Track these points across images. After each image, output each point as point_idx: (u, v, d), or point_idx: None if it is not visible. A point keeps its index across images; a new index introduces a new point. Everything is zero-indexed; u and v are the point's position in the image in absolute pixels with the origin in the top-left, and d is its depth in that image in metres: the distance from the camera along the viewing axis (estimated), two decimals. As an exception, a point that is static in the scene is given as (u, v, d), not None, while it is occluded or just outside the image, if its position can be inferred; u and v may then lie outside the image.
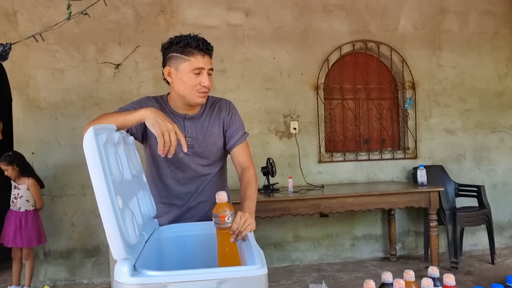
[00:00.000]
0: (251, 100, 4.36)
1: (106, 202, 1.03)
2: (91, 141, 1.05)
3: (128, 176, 1.32)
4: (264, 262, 1.14)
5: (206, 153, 1.80)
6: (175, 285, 1.04)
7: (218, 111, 1.84)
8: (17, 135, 3.96)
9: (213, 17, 4.29)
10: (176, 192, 1.81)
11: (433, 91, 4.74)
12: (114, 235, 1.04)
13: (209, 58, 1.71)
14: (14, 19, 3.94)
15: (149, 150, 1.80)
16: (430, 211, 3.86)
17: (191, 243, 1.63)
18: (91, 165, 1.04)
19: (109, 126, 1.27)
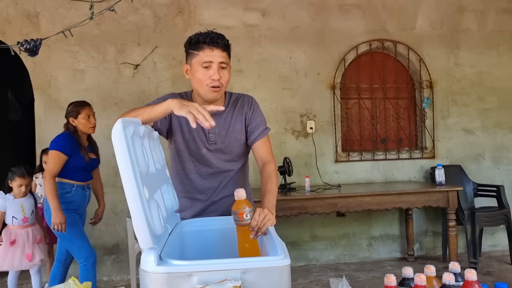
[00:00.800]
0: (267, 100, 4.38)
1: (134, 192, 1.06)
2: (120, 133, 1.08)
3: (153, 169, 1.35)
4: (287, 253, 1.15)
5: (228, 148, 1.83)
6: (200, 274, 1.06)
7: (240, 107, 1.86)
8: (39, 135, 4.04)
9: (230, 18, 4.32)
10: (199, 186, 1.84)
11: (451, 90, 4.70)
12: (141, 224, 1.07)
13: (221, 51, 1.69)
14: (36, 20, 4.04)
15: (173, 145, 1.83)
16: (448, 211, 3.83)
17: (212, 237, 1.65)
18: (120, 155, 1.07)
19: (135, 120, 1.31)
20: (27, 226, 3.45)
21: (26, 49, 2.41)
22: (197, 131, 1.78)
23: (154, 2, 4.22)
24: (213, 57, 1.68)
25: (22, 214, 3.44)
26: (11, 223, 3.38)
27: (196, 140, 1.79)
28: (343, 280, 1.63)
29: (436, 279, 1.71)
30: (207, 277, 1.06)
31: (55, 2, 4.04)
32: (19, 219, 3.41)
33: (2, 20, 4.01)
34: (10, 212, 3.39)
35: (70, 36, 4.05)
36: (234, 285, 1.06)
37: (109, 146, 1.11)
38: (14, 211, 3.39)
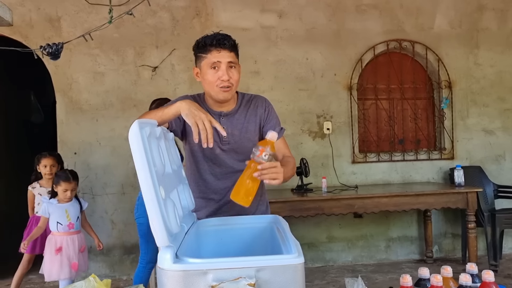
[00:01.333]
0: (284, 101, 4.39)
1: (150, 191, 1.09)
2: (136, 134, 1.11)
3: (169, 169, 1.38)
4: (301, 251, 1.17)
5: (241, 149, 1.84)
6: (215, 272, 1.08)
7: (254, 108, 1.88)
8: (60, 136, 4.14)
9: (247, 19, 4.35)
10: (214, 186, 1.87)
11: (471, 90, 4.64)
12: (158, 223, 1.10)
13: (228, 52, 1.72)
14: (58, 25, 4.13)
15: (188, 146, 1.86)
16: (468, 212, 3.78)
17: (228, 236, 1.67)
18: (136, 155, 1.10)
19: (151, 121, 1.34)
20: (72, 233, 3.25)
21: (49, 53, 2.48)
22: None
23: (172, 5, 4.27)
24: (220, 57, 1.71)
25: (67, 220, 3.24)
26: (55, 229, 3.21)
27: None
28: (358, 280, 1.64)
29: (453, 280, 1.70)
30: (222, 275, 1.08)
31: (76, 6, 4.13)
32: (64, 225, 3.22)
33: (25, 24, 4.12)
34: (54, 217, 3.21)
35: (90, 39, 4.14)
36: (248, 283, 1.08)
37: (128, 148, 1.14)
38: (58, 216, 3.21)
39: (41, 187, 3.57)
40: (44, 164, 3.52)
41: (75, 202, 3.31)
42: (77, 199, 3.35)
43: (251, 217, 1.78)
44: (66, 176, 3.23)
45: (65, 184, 3.20)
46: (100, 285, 1.46)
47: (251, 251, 1.63)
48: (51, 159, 3.56)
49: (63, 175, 3.25)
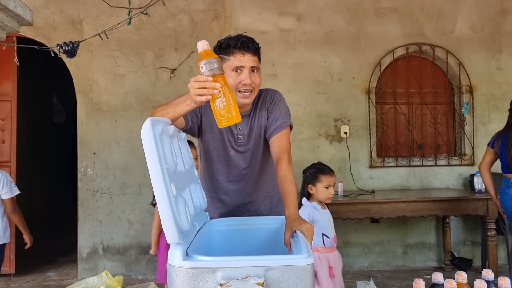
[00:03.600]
0: (301, 104, 4.38)
1: (161, 187, 1.10)
2: (149, 131, 1.13)
3: (181, 167, 1.39)
4: (311, 252, 1.16)
5: (254, 148, 1.82)
6: (224, 270, 1.09)
7: (262, 102, 1.83)
8: (80, 136, 4.21)
9: (265, 23, 4.36)
10: (225, 188, 1.86)
11: (492, 95, 4.55)
12: (168, 220, 1.11)
13: (252, 55, 1.69)
14: (79, 27, 4.22)
15: (203, 145, 1.86)
16: (488, 220, 3.70)
17: (240, 236, 1.67)
18: (148, 153, 1.11)
19: (164, 120, 1.35)
20: (334, 249, 2.63)
21: (65, 50, 2.54)
22: (226, 132, 1.81)
23: (191, 8, 4.32)
24: (244, 61, 1.68)
25: (332, 231, 2.63)
26: (321, 243, 2.57)
27: (224, 141, 1.81)
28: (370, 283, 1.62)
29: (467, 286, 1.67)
30: (231, 273, 1.09)
31: (97, 9, 4.21)
32: (330, 239, 2.59)
33: (49, 27, 4.21)
34: (319, 228, 2.50)
35: (111, 41, 4.22)
36: (257, 282, 1.08)
37: None
38: (323, 226, 2.57)
39: None
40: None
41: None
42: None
43: (264, 218, 1.78)
44: (327, 169, 2.76)
45: (327, 179, 2.67)
46: (112, 281, 1.49)
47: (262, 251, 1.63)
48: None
49: (325, 168, 2.76)
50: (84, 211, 4.18)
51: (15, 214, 3.03)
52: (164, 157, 1.16)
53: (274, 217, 1.78)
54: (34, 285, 4.04)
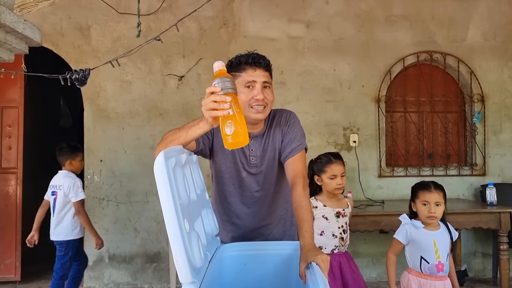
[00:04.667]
0: (310, 112, 4.33)
1: (174, 226, 1.06)
2: (162, 166, 1.09)
3: (194, 196, 1.35)
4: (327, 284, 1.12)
5: (267, 170, 1.78)
6: (239, 312, 1.05)
7: (277, 124, 1.80)
8: (87, 143, 4.18)
9: (274, 30, 4.31)
10: (238, 210, 1.81)
11: (505, 105, 4.48)
12: (181, 259, 1.07)
13: (263, 71, 1.68)
14: (87, 33, 4.19)
15: (214, 166, 1.82)
16: (500, 233, 3.63)
17: (252, 262, 1.63)
18: (161, 190, 1.07)
19: (177, 148, 1.31)
20: (441, 277, 2.28)
21: (75, 78, 2.49)
22: (238, 153, 1.77)
23: (200, 14, 4.27)
24: (255, 76, 1.66)
25: (435, 256, 2.28)
26: (418, 267, 2.32)
27: (237, 163, 1.77)
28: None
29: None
30: (246, 315, 1.05)
31: (105, 15, 4.18)
32: (430, 265, 2.28)
33: (56, 33, 4.19)
34: (417, 249, 2.31)
35: (118, 48, 4.20)
36: (273, 325, 1.03)
37: (152, 156, 1.12)
38: (423, 249, 2.29)
39: None
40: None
41: (445, 229, 2.44)
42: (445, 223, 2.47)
43: (277, 243, 1.73)
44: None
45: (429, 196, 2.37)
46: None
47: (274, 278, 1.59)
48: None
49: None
50: (91, 219, 4.11)
51: (79, 216, 3.48)
52: (178, 192, 1.12)
53: (287, 242, 1.74)
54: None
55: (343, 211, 2.59)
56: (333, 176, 2.52)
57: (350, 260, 2.58)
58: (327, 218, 2.54)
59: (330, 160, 2.58)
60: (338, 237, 2.53)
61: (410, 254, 2.38)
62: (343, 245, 2.57)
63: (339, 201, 2.62)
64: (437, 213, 2.33)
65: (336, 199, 2.61)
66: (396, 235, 2.42)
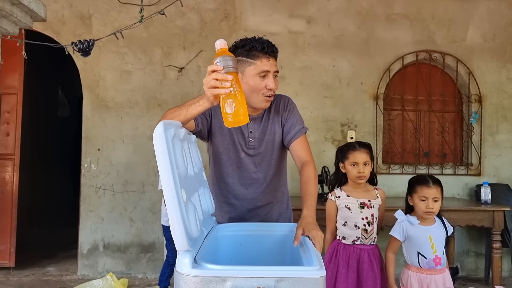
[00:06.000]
0: (308, 108, 4.35)
1: (172, 194, 1.07)
2: (161, 135, 1.10)
3: (191, 172, 1.36)
4: (323, 264, 1.13)
5: (266, 152, 1.82)
6: (233, 280, 1.06)
7: (276, 108, 1.84)
8: (85, 132, 4.19)
9: (275, 24, 4.33)
10: (235, 191, 1.83)
11: (502, 106, 4.51)
12: (178, 227, 1.08)
13: (274, 60, 1.71)
14: (89, 22, 4.20)
15: (212, 148, 1.84)
16: (493, 232, 3.65)
17: (247, 242, 1.64)
18: (160, 157, 1.08)
19: (176, 123, 1.33)
20: (440, 271, 2.28)
21: (80, 49, 2.51)
22: (237, 134, 1.79)
23: (201, 7, 4.29)
24: (270, 66, 1.69)
25: (432, 250, 2.27)
26: (416, 262, 2.30)
27: (235, 144, 1.79)
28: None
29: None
30: (241, 283, 1.06)
31: (107, 4, 4.19)
32: (428, 259, 2.27)
33: (58, 21, 4.19)
34: (413, 245, 2.30)
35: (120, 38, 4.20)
36: (267, 293, 1.05)
37: (150, 146, 1.14)
38: (419, 244, 2.29)
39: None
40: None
41: (440, 224, 2.42)
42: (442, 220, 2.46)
43: (272, 225, 1.75)
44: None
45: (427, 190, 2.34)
46: (117, 284, 1.46)
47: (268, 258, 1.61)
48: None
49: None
50: (86, 207, 4.16)
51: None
52: (176, 162, 1.13)
53: (283, 224, 1.76)
54: (33, 280, 4.02)
55: (369, 202, 2.47)
56: (355, 163, 2.44)
57: (374, 257, 2.45)
58: (349, 208, 2.45)
59: (353, 147, 2.51)
60: (361, 228, 2.43)
61: (407, 250, 2.37)
62: (367, 237, 2.44)
63: (366, 192, 2.51)
64: (435, 209, 2.33)
65: (362, 190, 2.50)
66: (392, 232, 2.39)
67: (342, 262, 2.42)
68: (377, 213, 2.50)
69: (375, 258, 2.46)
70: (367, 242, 2.45)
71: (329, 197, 2.56)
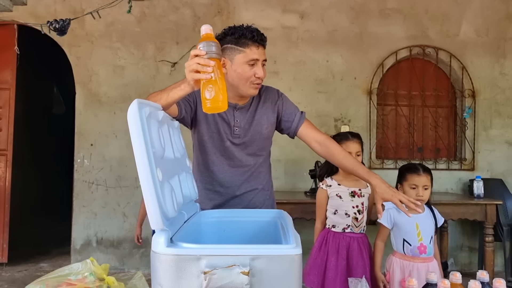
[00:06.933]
0: (302, 103, 4.33)
1: (146, 171, 1.07)
2: (135, 112, 1.10)
3: (170, 155, 1.35)
4: (299, 243, 1.12)
5: (251, 142, 1.82)
6: (208, 258, 1.05)
7: (265, 100, 1.86)
8: (78, 127, 4.18)
9: (268, 19, 4.33)
10: (220, 179, 1.83)
11: (495, 101, 4.50)
12: (152, 205, 1.07)
13: (263, 49, 1.72)
14: (81, 17, 4.18)
15: (197, 135, 1.84)
16: (486, 225, 3.64)
17: (231, 229, 1.64)
18: (134, 134, 1.08)
19: (154, 104, 1.32)
20: (425, 259, 2.24)
21: (55, 28, 2.51)
22: (222, 123, 1.79)
23: (194, 2, 4.29)
24: (259, 55, 1.70)
25: (418, 238, 2.26)
26: (401, 249, 2.28)
27: (220, 132, 1.79)
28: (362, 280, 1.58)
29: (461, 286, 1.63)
30: (216, 261, 1.05)
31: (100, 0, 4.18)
32: (412, 246, 2.25)
33: (50, 16, 4.16)
34: (400, 232, 2.30)
35: (112, 32, 4.20)
36: (242, 271, 1.04)
37: None
38: (405, 231, 2.27)
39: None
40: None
41: (429, 213, 2.39)
42: (431, 208, 2.43)
43: (255, 211, 1.75)
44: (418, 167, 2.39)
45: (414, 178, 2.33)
46: (97, 268, 1.45)
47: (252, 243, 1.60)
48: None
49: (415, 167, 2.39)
50: (79, 203, 4.15)
51: None
52: (151, 140, 1.13)
53: (266, 210, 1.76)
54: (26, 275, 4.00)
55: (360, 191, 2.48)
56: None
57: (363, 245, 2.46)
58: (340, 196, 2.46)
59: (346, 137, 2.54)
60: (352, 216, 2.44)
61: (394, 237, 2.36)
62: (357, 225, 2.45)
63: (357, 181, 2.47)
64: (425, 197, 2.32)
65: (352, 179, 2.47)
66: (381, 219, 2.37)
67: (332, 250, 2.41)
68: (367, 202, 2.50)
69: (365, 246, 2.46)
70: (357, 230, 2.45)
71: (320, 186, 2.56)
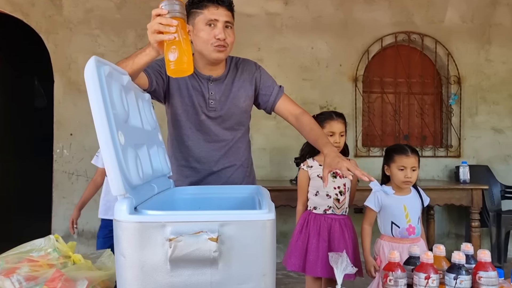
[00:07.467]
0: (287, 90, 4.24)
1: (105, 132, 0.98)
2: (92, 70, 1.02)
3: (137, 123, 1.27)
4: (273, 209, 1.05)
5: (228, 115, 1.75)
6: (174, 225, 0.98)
7: (242, 72, 1.79)
8: (57, 116, 4.07)
9: (252, 6, 4.24)
10: (197, 154, 1.76)
11: (480, 87, 4.48)
12: (113, 169, 0.99)
13: (226, 10, 1.63)
14: (59, 3, 4.07)
15: (170, 109, 1.76)
16: (472, 210, 3.63)
17: (207, 206, 1.56)
18: (91, 92, 1.00)
19: (118, 68, 1.23)
20: (413, 240, 2.22)
21: None
22: (196, 95, 1.71)
23: (176, -12, 4.19)
24: (218, 15, 1.62)
25: (406, 220, 2.23)
26: (389, 232, 2.24)
27: (195, 105, 1.71)
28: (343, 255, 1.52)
29: (445, 259, 1.58)
30: (182, 228, 0.98)
31: (78, -15, 4.07)
32: (401, 228, 2.22)
33: (27, 2, 4.05)
34: (388, 215, 2.26)
35: (91, 19, 4.09)
36: (210, 237, 0.97)
37: None
38: (393, 214, 2.24)
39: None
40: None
41: (416, 195, 2.36)
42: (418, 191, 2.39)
43: (232, 187, 1.67)
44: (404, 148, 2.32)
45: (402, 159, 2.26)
46: (63, 245, 1.38)
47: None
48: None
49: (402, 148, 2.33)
50: (59, 194, 4.04)
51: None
52: (111, 101, 1.05)
53: (244, 186, 1.69)
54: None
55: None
56: (331, 133, 2.38)
57: (345, 227, 2.39)
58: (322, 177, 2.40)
59: (330, 117, 2.44)
60: (333, 197, 2.36)
61: (382, 220, 2.30)
62: (339, 207, 2.38)
63: None
64: (413, 178, 2.26)
65: None
66: (367, 202, 2.32)
67: (313, 232, 2.35)
68: (349, 183, 2.43)
69: (347, 227, 2.40)
70: (338, 212, 2.39)
71: (301, 167, 2.49)
